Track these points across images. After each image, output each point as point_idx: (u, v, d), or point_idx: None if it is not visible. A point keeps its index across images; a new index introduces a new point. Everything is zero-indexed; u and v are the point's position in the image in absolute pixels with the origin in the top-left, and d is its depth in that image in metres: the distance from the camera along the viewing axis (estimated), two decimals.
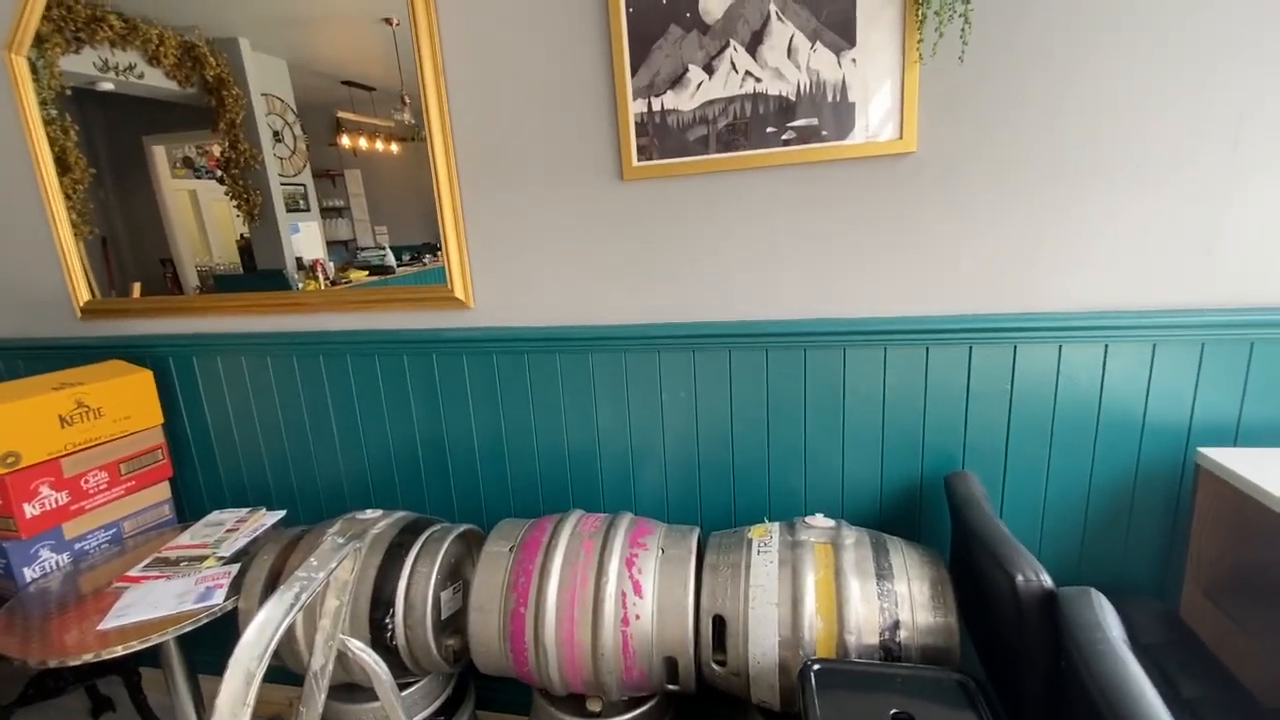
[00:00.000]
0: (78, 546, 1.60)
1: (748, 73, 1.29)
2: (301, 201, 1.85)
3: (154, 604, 1.34)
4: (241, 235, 1.87)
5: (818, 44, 1.24)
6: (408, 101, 1.68)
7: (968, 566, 1.19)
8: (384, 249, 1.87)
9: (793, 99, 1.28)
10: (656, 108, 1.35)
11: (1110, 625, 0.86)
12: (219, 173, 1.83)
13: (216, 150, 1.82)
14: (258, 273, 1.87)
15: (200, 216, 1.93)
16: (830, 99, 1.26)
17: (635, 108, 1.35)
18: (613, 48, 1.33)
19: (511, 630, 1.24)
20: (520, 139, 1.44)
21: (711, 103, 1.32)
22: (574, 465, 1.60)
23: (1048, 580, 0.97)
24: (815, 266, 1.36)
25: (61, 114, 1.78)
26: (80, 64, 1.75)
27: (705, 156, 1.35)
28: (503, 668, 1.28)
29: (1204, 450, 1.22)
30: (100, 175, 1.85)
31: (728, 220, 1.38)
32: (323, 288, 1.81)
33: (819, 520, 1.28)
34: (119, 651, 1.23)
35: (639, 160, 1.38)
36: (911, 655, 1.10)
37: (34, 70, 1.74)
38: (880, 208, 1.30)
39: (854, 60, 1.23)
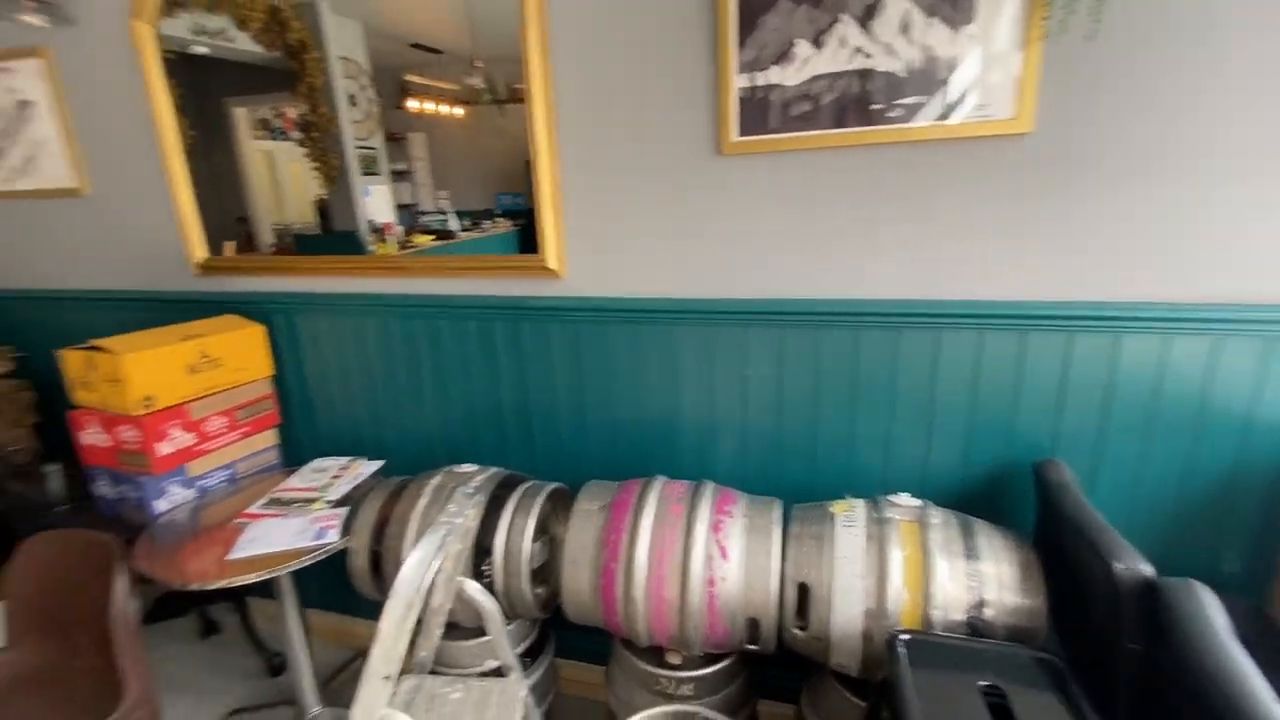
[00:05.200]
0: (199, 484, 1.75)
1: (858, 48, 1.27)
2: (373, 165, 1.92)
3: (275, 539, 1.48)
4: (319, 197, 1.95)
5: (934, 19, 1.22)
6: (479, 66, 1.71)
7: (1055, 552, 1.20)
8: (446, 213, 1.91)
9: (903, 75, 1.26)
10: (761, 83, 1.35)
11: (1216, 618, 0.87)
12: (294, 134, 1.90)
13: (292, 113, 1.89)
14: (333, 234, 1.95)
15: (275, 177, 2.02)
16: (942, 76, 1.24)
17: (739, 83, 1.36)
18: (719, 21, 1.33)
19: (603, 583, 1.32)
20: (621, 111, 1.46)
21: (817, 78, 1.31)
22: (654, 433, 1.66)
23: (1147, 569, 0.98)
24: (913, 247, 1.35)
25: (166, 79, 1.87)
26: (176, 28, 1.83)
27: (807, 133, 1.34)
28: (592, 617, 1.37)
29: None
30: (190, 137, 1.94)
31: (825, 198, 1.38)
32: (393, 250, 1.88)
33: (904, 499, 1.30)
34: (250, 579, 1.37)
35: (738, 135, 1.39)
36: (996, 634, 1.13)
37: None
38: (987, 190, 1.28)
39: (971, 36, 1.21)
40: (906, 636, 1.06)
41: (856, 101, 1.30)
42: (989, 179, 1.28)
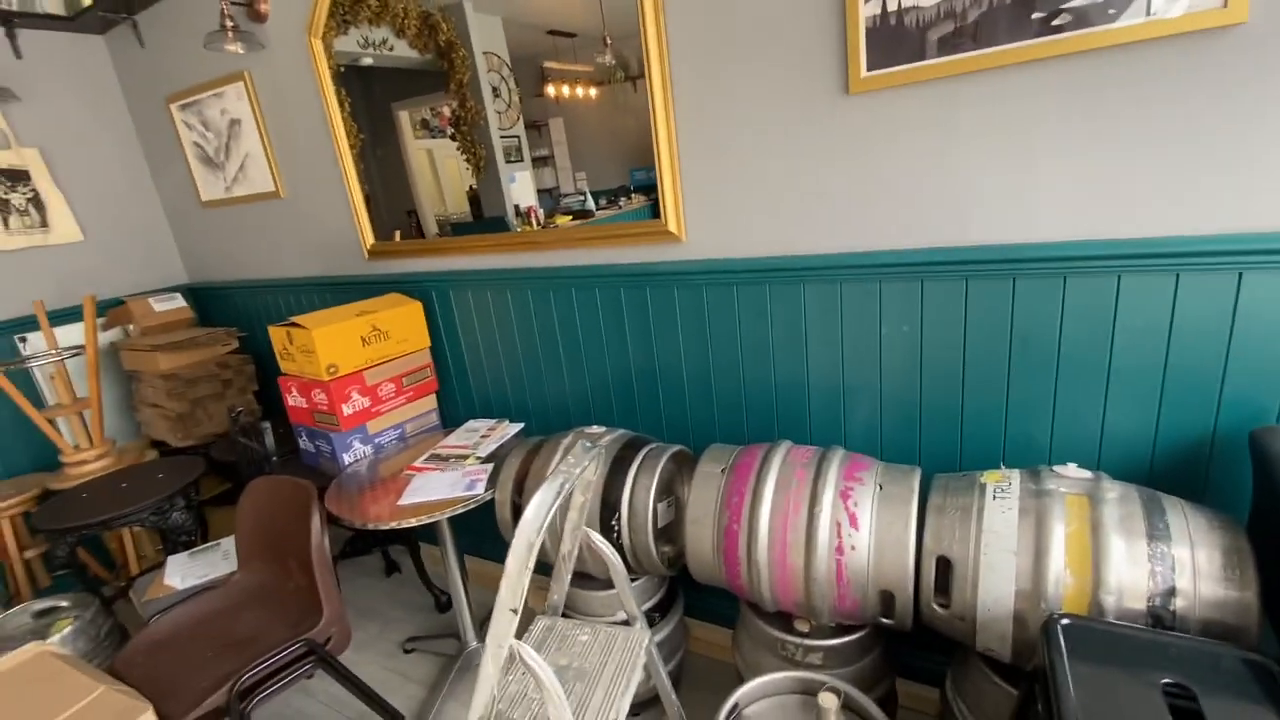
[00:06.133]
0: (377, 441, 2.01)
1: None
2: (515, 153, 2.01)
3: (435, 489, 1.65)
4: (470, 187, 2.09)
5: None
6: (609, 42, 1.71)
7: (1277, 537, 0.99)
8: (584, 194, 1.96)
9: None
10: (892, 7, 1.22)
11: None
12: (449, 131, 2.05)
13: (447, 111, 2.03)
14: (484, 220, 2.10)
15: (436, 172, 2.19)
16: None
17: (866, 10, 1.24)
18: None
19: (725, 545, 1.31)
20: (738, 64, 1.41)
21: None
22: (781, 396, 1.60)
23: None
24: (1085, 179, 1.16)
25: (338, 89, 2.11)
26: (347, 44, 2.05)
27: (949, 58, 1.19)
28: (716, 578, 1.37)
29: None
30: (363, 141, 2.18)
31: (973, 130, 1.22)
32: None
33: (1072, 470, 1.14)
34: (413, 522, 1.55)
35: (869, 70, 1.27)
36: (1190, 628, 0.96)
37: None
38: (1183, 101, 1.06)
39: None
40: (1066, 621, 0.93)
41: (1012, 12, 1.13)
42: (1188, 86, 1.05)
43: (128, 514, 1.92)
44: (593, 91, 1.82)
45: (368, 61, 2.09)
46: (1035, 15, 1.11)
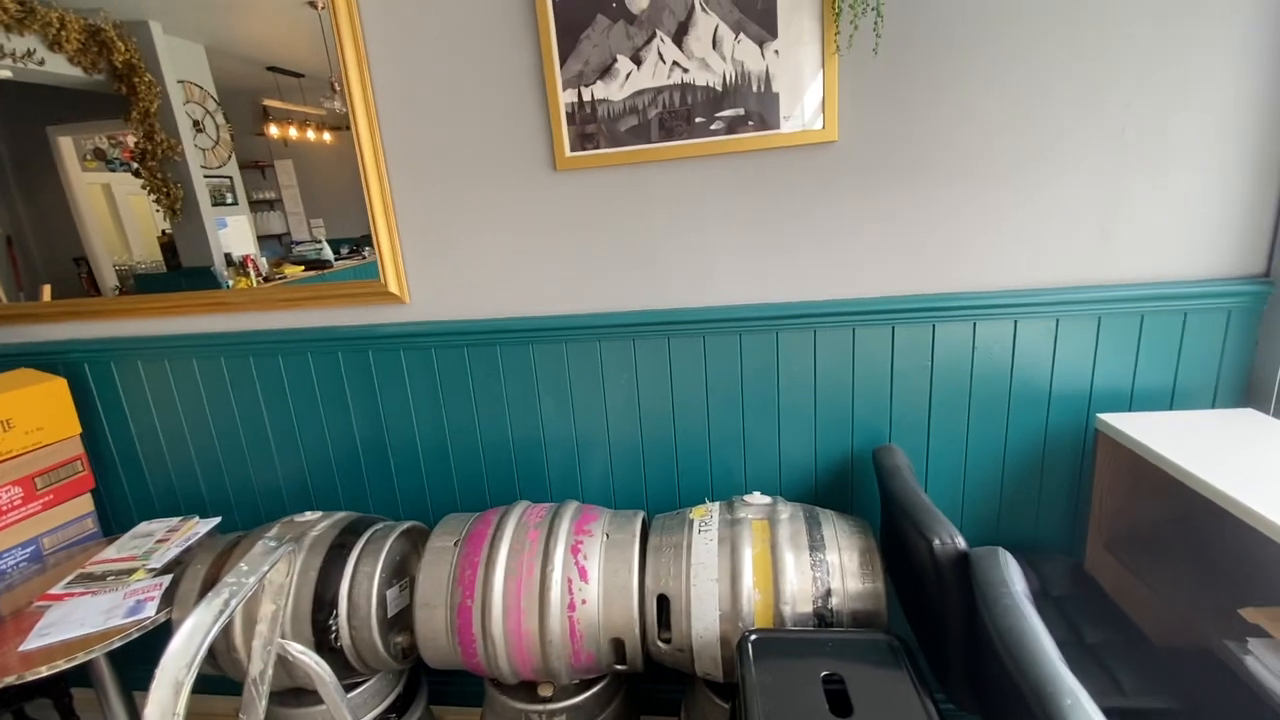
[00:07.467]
0: None
1: (675, 63, 1.30)
2: (228, 195, 1.77)
3: (79, 621, 1.29)
4: (163, 231, 1.78)
5: (741, 35, 1.27)
6: (338, 89, 1.63)
7: (894, 534, 1.26)
8: (320, 242, 1.81)
9: (719, 89, 1.30)
10: (587, 97, 1.35)
11: (1014, 580, 0.93)
12: (135, 165, 1.73)
13: (131, 141, 1.72)
14: (182, 271, 1.78)
15: (116, 212, 1.82)
16: (755, 89, 1.29)
17: (566, 97, 1.35)
18: (540, 37, 1.32)
19: (459, 624, 1.25)
20: (451, 129, 1.42)
21: (641, 93, 1.33)
22: (519, 457, 1.61)
23: (962, 542, 1.04)
24: (747, 253, 1.40)
25: None
26: None
27: (637, 147, 1.36)
28: (452, 661, 1.29)
29: (1102, 416, 1.32)
30: (1, 169, 1.72)
31: (662, 210, 1.40)
32: (254, 284, 1.74)
33: (756, 498, 1.33)
34: (44, 672, 1.18)
35: (571, 150, 1.38)
36: (843, 620, 1.17)
37: None
38: (806, 196, 1.35)
39: (776, 51, 1.27)
40: (755, 636, 1.07)
41: (680, 115, 1.33)
42: (808, 186, 1.34)
43: None
44: (326, 135, 1.68)
45: (4, 74, 1.66)
46: (698, 119, 1.33)
